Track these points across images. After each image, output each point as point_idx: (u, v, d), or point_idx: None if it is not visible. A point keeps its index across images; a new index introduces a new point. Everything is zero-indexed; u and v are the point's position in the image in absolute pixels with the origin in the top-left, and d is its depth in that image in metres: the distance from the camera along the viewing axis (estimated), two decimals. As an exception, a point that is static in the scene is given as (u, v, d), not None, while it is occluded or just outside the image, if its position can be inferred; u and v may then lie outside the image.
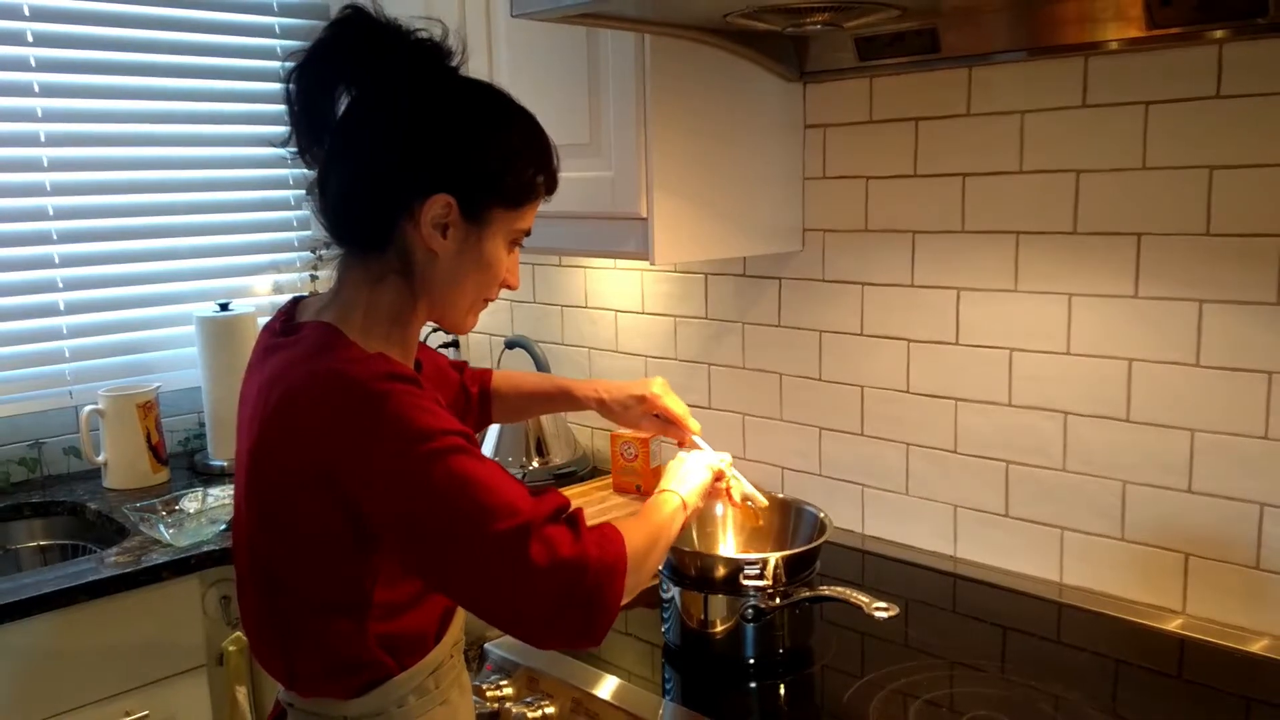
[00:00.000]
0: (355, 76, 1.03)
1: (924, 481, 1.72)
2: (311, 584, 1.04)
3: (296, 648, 1.08)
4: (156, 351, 2.34)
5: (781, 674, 1.36)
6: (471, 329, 1.16)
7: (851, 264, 1.75)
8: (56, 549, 2.07)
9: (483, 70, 1.80)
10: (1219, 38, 1.31)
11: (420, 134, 1.02)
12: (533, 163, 1.09)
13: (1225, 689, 1.29)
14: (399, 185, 1.03)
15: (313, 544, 1.02)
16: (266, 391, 1.02)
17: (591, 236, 1.67)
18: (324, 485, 0.98)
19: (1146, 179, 1.41)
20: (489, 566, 0.96)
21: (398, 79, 1.02)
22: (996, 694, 1.27)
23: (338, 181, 1.05)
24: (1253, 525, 1.39)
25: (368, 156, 1.03)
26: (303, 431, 0.98)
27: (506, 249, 1.11)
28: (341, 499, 0.98)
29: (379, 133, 1.03)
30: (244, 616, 1.15)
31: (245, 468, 1.06)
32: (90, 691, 1.68)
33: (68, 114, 2.18)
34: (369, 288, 1.07)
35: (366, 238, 1.06)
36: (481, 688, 1.36)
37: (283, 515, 1.03)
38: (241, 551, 1.12)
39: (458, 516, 0.96)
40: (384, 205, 1.03)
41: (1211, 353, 1.39)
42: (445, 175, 1.03)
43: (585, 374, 2.25)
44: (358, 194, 1.04)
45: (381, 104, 1.03)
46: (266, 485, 1.03)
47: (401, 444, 0.95)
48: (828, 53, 1.67)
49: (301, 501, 1.00)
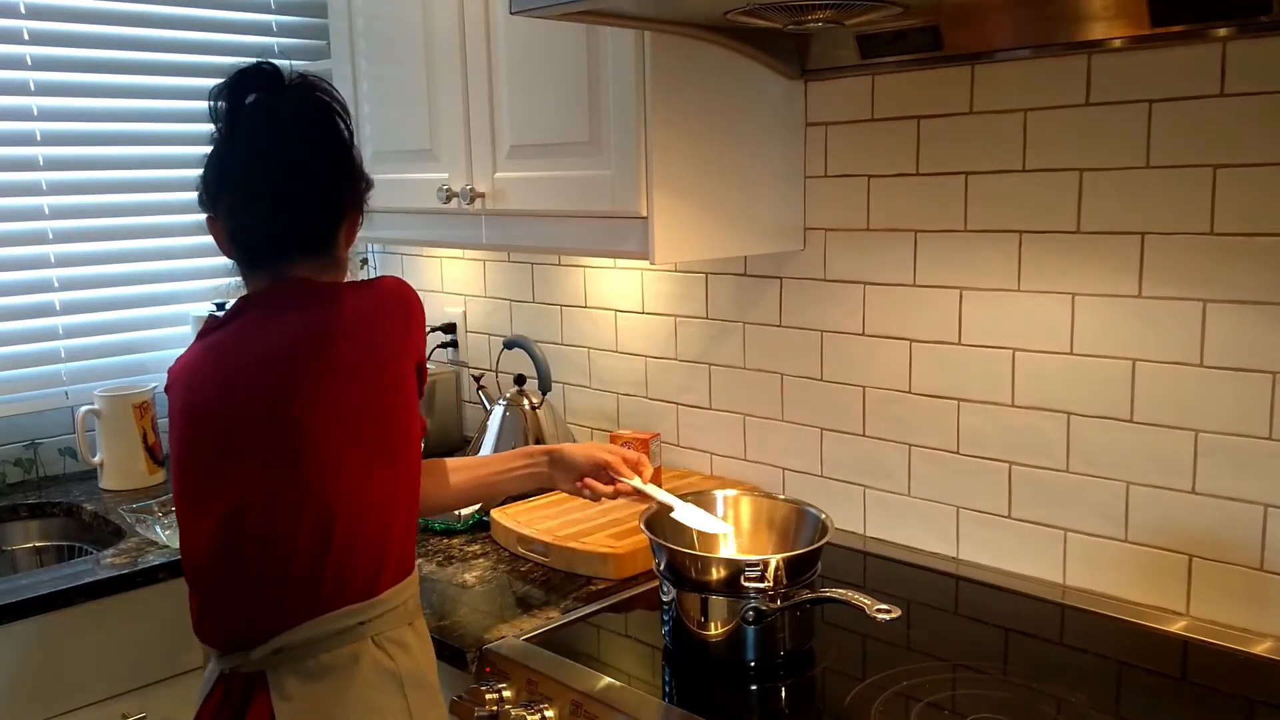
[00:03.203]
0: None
1: (926, 482, 1.71)
2: (393, 452, 1.21)
3: (346, 548, 1.17)
4: (153, 351, 2.34)
5: (782, 676, 1.35)
6: None
7: (853, 263, 1.75)
8: (52, 550, 2.06)
9: (482, 70, 1.79)
10: (1223, 36, 1.31)
11: (352, 160, 1.30)
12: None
13: (1229, 691, 1.28)
14: (348, 204, 1.29)
15: (403, 413, 1.23)
16: (299, 336, 1.19)
17: (591, 236, 1.67)
18: (411, 360, 1.25)
19: (1150, 178, 1.41)
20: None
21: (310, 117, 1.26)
22: (999, 696, 1.27)
23: (289, 204, 1.25)
24: (1256, 526, 1.38)
25: (319, 181, 1.26)
26: (404, 324, 1.25)
27: None
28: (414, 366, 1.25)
29: (326, 162, 1.28)
30: (228, 580, 1.19)
31: (335, 395, 1.17)
32: (87, 693, 1.67)
33: (64, 113, 2.17)
34: (318, 274, 1.28)
35: (320, 243, 1.28)
36: (480, 690, 1.35)
37: (396, 397, 1.22)
38: (247, 498, 1.17)
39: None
40: (334, 217, 1.28)
41: (1215, 353, 1.39)
42: (359, 193, 1.30)
43: (585, 374, 2.25)
44: (316, 209, 1.27)
45: (320, 139, 1.27)
46: (372, 383, 1.19)
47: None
48: (829, 50, 1.66)
49: (405, 379, 1.23)
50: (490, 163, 1.81)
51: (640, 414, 2.14)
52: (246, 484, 1.17)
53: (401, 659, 1.21)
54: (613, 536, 1.70)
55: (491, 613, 1.53)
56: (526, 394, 2.12)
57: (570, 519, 1.79)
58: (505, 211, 1.81)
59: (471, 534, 1.86)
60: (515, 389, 2.14)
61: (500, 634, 1.45)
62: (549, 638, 1.44)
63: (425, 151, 1.94)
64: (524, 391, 2.13)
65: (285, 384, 1.16)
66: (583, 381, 2.26)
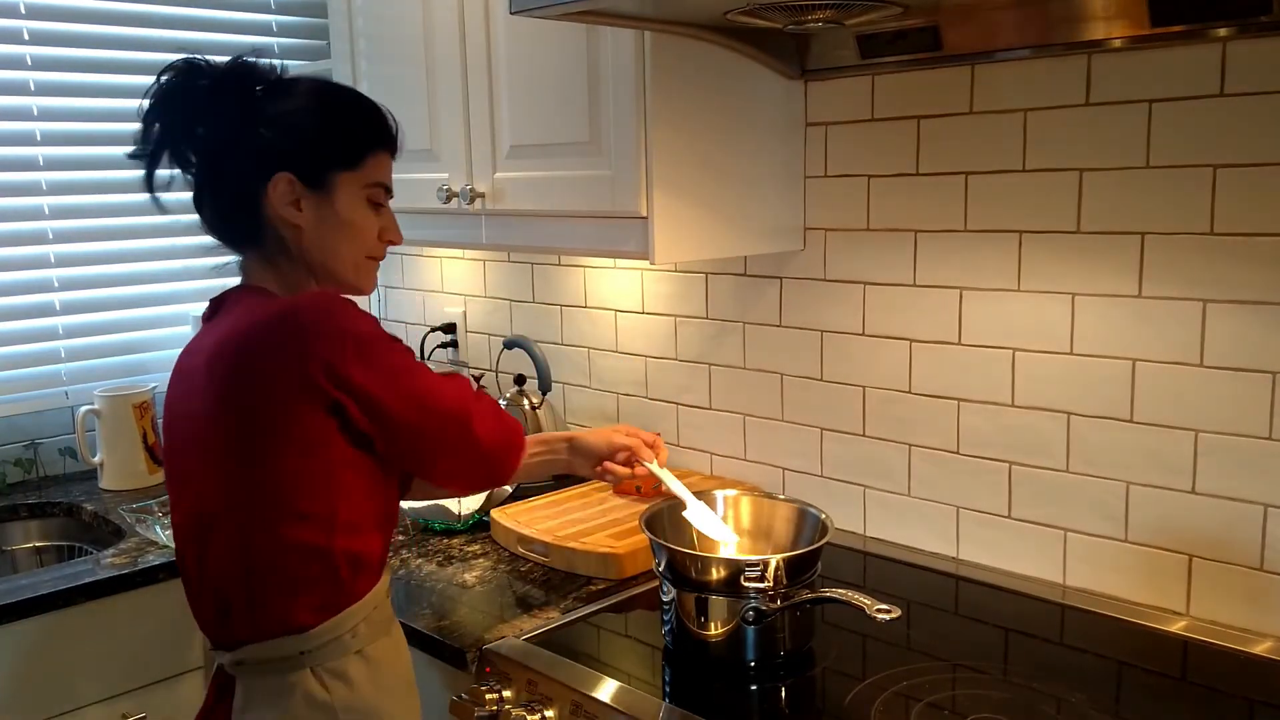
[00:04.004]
0: (197, 114, 1.20)
1: (926, 482, 1.71)
2: (287, 501, 1.13)
3: (261, 580, 1.15)
4: (153, 351, 2.34)
5: (782, 676, 1.35)
6: (372, 289, 1.31)
7: (853, 263, 1.75)
8: (53, 550, 2.06)
9: (482, 69, 1.79)
10: (1223, 36, 1.31)
11: (250, 130, 1.19)
12: (354, 121, 1.25)
13: (1229, 691, 1.28)
14: (247, 178, 1.20)
15: (295, 458, 1.12)
16: (220, 347, 1.15)
17: (591, 236, 1.67)
18: (312, 392, 1.10)
19: (1150, 178, 1.40)
20: (457, 448, 1.23)
21: (223, 101, 1.19)
22: (999, 696, 1.27)
23: (206, 194, 1.24)
24: (1256, 526, 1.38)
25: (217, 165, 1.22)
26: (284, 348, 1.11)
27: (369, 208, 1.26)
28: (329, 401, 1.11)
29: (219, 142, 1.21)
30: (193, 583, 1.23)
31: (210, 418, 1.14)
32: (87, 693, 1.67)
33: (64, 113, 2.17)
34: (270, 271, 1.24)
35: (246, 234, 1.23)
36: (481, 690, 1.35)
37: (265, 438, 1.12)
38: (193, 508, 1.20)
39: (441, 416, 1.20)
40: (244, 201, 1.21)
41: (1215, 353, 1.38)
42: (277, 156, 1.19)
43: (585, 374, 2.25)
44: (222, 197, 1.23)
45: (217, 120, 1.20)
46: (243, 419, 1.12)
47: (379, 345, 1.15)
48: (829, 50, 1.66)
49: (288, 416, 1.11)
50: (490, 163, 1.81)
51: (640, 414, 2.14)
52: (185, 493, 1.23)
53: (339, 691, 1.18)
54: (613, 536, 1.70)
55: (491, 613, 1.53)
56: (526, 394, 2.12)
57: (570, 519, 1.79)
58: (505, 211, 1.81)
59: (471, 534, 1.86)
60: (515, 389, 2.14)
61: (500, 634, 1.45)
62: (549, 638, 1.44)
63: (425, 151, 1.94)
64: (524, 391, 2.13)
65: (193, 394, 1.19)
66: (583, 381, 2.26)
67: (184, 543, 1.24)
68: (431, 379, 1.21)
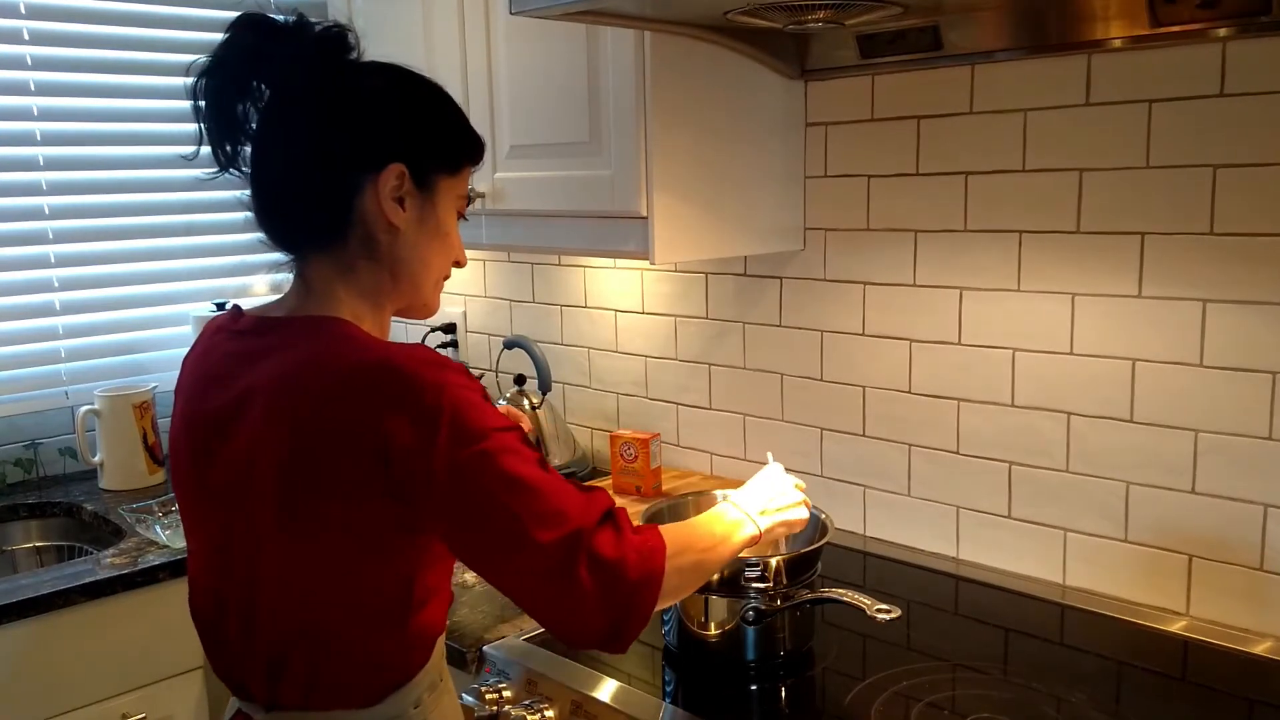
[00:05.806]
0: (267, 74, 1.02)
1: (926, 482, 1.71)
2: (356, 587, 1.00)
3: (325, 660, 1.02)
4: (153, 351, 2.34)
5: (782, 676, 1.35)
6: (438, 310, 1.18)
7: (853, 263, 1.75)
8: (53, 550, 2.06)
9: (482, 69, 1.79)
10: (1223, 36, 1.31)
11: (359, 110, 1.02)
12: (461, 127, 1.11)
13: (1229, 691, 1.28)
14: (350, 163, 1.02)
15: (363, 543, 0.97)
16: (279, 394, 0.98)
17: (591, 236, 1.67)
18: (378, 477, 0.94)
19: (1150, 178, 1.40)
20: (535, 573, 0.97)
21: (313, 68, 1.01)
22: (999, 696, 1.27)
23: (278, 181, 1.04)
24: (1256, 526, 1.38)
25: (308, 144, 1.02)
26: (354, 424, 0.94)
27: (456, 220, 1.13)
28: (396, 490, 0.94)
29: (316, 118, 1.02)
30: (223, 642, 1.08)
31: (272, 478, 0.97)
32: (87, 693, 1.67)
33: (64, 113, 2.17)
34: (341, 279, 1.05)
35: (326, 227, 1.04)
36: (481, 690, 1.35)
37: (334, 517, 0.96)
38: (239, 570, 1.03)
39: (509, 521, 0.95)
40: (338, 187, 1.02)
41: (1215, 353, 1.38)
42: (392, 145, 1.03)
43: (585, 374, 2.25)
44: (308, 184, 1.03)
45: (309, 92, 1.02)
46: (308, 489, 0.96)
47: (457, 441, 0.93)
48: (829, 50, 1.66)
49: (354, 499, 0.95)
50: (490, 163, 1.80)
51: (640, 414, 2.14)
52: (216, 518, 1.05)
53: None
54: (613, 536, 1.69)
55: (492, 612, 1.53)
56: (527, 394, 2.12)
57: (570, 519, 1.78)
58: (505, 211, 1.81)
59: (471, 534, 1.86)
60: (515, 389, 2.14)
61: (501, 634, 1.45)
62: (549, 637, 1.44)
63: (425, 151, 1.94)
64: (524, 391, 2.13)
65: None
66: (583, 381, 2.26)
67: (217, 579, 1.07)
68: (538, 505, 0.96)
